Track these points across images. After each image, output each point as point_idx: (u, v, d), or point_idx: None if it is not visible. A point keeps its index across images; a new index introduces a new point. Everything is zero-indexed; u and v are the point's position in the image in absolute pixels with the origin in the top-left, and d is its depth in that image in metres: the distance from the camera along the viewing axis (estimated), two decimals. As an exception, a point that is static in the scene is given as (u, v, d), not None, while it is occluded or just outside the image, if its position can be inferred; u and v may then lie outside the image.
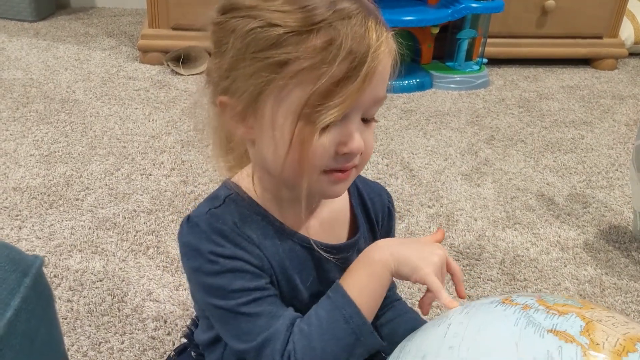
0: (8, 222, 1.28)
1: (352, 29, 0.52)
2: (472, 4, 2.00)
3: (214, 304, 0.60)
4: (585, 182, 1.61)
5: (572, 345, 0.46)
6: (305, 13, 0.52)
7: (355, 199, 0.70)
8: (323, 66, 0.51)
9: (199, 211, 0.61)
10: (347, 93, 0.52)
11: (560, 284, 1.23)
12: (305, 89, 0.52)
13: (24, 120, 1.71)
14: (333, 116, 0.52)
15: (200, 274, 0.59)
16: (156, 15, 2.11)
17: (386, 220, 0.74)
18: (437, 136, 1.79)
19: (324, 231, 0.66)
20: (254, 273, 0.59)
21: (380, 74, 0.54)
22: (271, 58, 0.52)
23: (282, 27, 0.52)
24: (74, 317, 1.06)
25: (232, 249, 0.58)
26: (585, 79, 2.31)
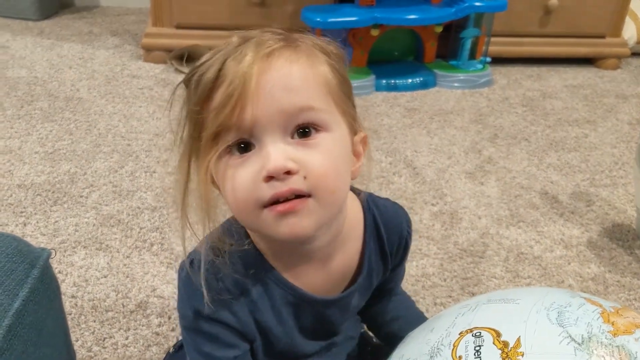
0: (13, 219, 1.29)
1: (208, 66, 0.52)
2: (476, 3, 2.00)
3: (187, 350, 0.64)
4: (589, 181, 1.61)
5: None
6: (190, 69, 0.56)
7: (370, 234, 0.67)
8: (187, 107, 0.55)
9: (203, 258, 0.60)
10: (212, 117, 0.51)
11: (564, 281, 1.23)
12: (196, 129, 0.54)
13: (29, 118, 1.71)
14: (208, 140, 0.52)
15: (183, 319, 0.62)
16: (160, 14, 2.11)
17: (401, 251, 0.71)
18: (440, 134, 1.79)
19: (330, 282, 0.65)
20: (227, 344, 0.61)
21: (259, 87, 0.50)
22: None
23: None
24: (79, 312, 1.07)
25: (219, 310, 0.59)
26: (588, 78, 2.31)
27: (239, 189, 0.52)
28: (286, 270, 0.62)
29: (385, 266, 0.69)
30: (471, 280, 1.21)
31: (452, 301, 1.15)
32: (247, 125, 0.51)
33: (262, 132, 0.51)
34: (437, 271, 1.23)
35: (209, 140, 0.52)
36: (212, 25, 2.04)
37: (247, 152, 0.52)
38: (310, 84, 0.52)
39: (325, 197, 0.53)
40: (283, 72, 0.51)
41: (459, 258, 1.27)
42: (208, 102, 0.52)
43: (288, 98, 0.51)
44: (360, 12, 1.93)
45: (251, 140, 0.52)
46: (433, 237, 1.33)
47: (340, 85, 0.56)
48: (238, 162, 0.52)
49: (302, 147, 0.52)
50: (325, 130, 0.53)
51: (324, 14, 1.90)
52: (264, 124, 0.51)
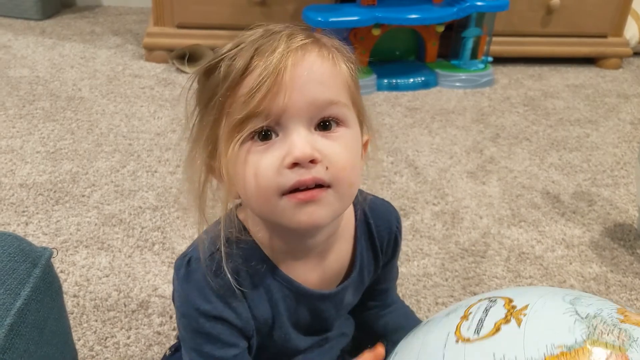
0: (15, 218, 1.29)
1: (236, 55, 0.54)
2: (477, 2, 2.00)
3: (184, 350, 0.63)
4: (591, 180, 1.60)
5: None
6: (213, 57, 0.56)
7: (362, 231, 0.69)
8: (214, 97, 0.54)
9: (199, 255, 0.60)
10: (242, 103, 0.52)
11: (566, 281, 1.23)
12: (220, 115, 0.55)
13: (30, 117, 1.72)
14: (235, 125, 0.53)
15: (182, 318, 0.62)
16: (161, 14, 2.11)
17: (391, 247, 0.72)
18: (442, 134, 1.79)
19: (326, 277, 0.66)
20: (227, 342, 0.61)
21: (293, 78, 0.52)
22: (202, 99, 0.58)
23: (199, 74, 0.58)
24: (80, 312, 1.07)
25: (219, 307, 0.60)
26: (590, 77, 2.30)
27: (262, 175, 0.53)
28: (284, 265, 0.63)
29: (377, 262, 0.71)
30: (472, 280, 1.21)
31: (453, 301, 1.15)
32: (276, 113, 0.52)
33: (289, 121, 0.53)
34: (439, 271, 1.23)
35: (235, 126, 0.53)
36: (213, 25, 2.04)
37: (269, 139, 0.53)
38: (337, 80, 0.55)
39: (343, 189, 0.55)
40: (315, 66, 0.53)
41: (460, 258, 1.27)
42: (236, 89, 0.53)
43: (319, 90, 0.53)
44: (362, 11, 1.93)
45: (276, 128, 0.53)
46: (434, 237, 1.33)
47: (355, 87, 0.59)
48: (261, 148, 0.53)
49: (324, 138, 0.54)
50: (345, 126, 0.55)
51: (325, 14, 1.90)
52: (293, 113, 0.52)
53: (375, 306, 0.78)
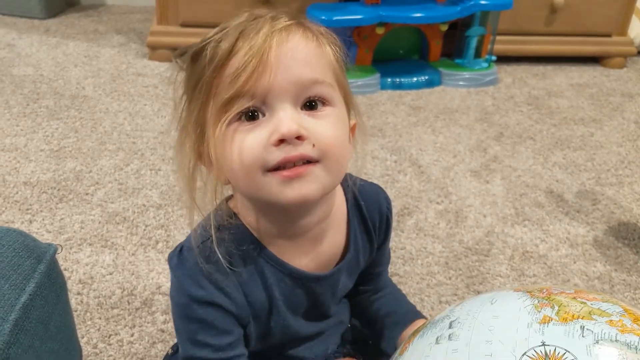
0: (19, 216, 1.29)
1: (220, 40, 0.55)
2: (481, 1, 1.99)
3: (179, 340, 0.63)
4: (595, 180, 1.60)
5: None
6: (199, 42, 0.58)
7: (354, 213, 0.69)
8: (200, 80, 0.56)
9: (192, 244, 0.61)
10: (228, 83, 0.53)
11: (570, 280, 1.23)
12: (208, 97, 0.56)
13: (34, 116, 1.72)
14: (221, 106, 0.54)
15: (176, 307, 0.62)
16: (165, 13, 2.12)
17: (384, 228, 0.72)
18: (445, 133, 1.79)
19: (320, 260, 0.66)
20: (221, 329, 0.61)
21: (278, 57, 0.53)
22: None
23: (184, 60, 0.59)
24: (84, 309, 1.07)
25: (212, 293, 0.60)
26: (594, 77, 2.30)
27: (247, 152, 0.53)
28: (277, 249, 0.63)
29: (371, 244, 0.71)
30: (476, 278, 1.21)
31: (457, 299, 1.15)
32: (262, 93, 0.53)
33: (275, 100, 0.53)
34: (442, 269, 1.23)
35: (221, 106, 0.54)
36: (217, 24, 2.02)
37: (256, 119, 0.54)
38: (321, 61, 0.56)
39: (332, 164, 0.55)
40: (300, 46, 0.55)
41: (464, 256, 1.27)
42: (222, 70, 0.54)
43: (304, 70, 0.54)
44: (366, 10, 1.93)
45: (262, 108, 0.54)
46: (438, 236, 1.33)
47: (341, 70, 0.60)
48: (247, 127, 0.54)
49: (310, 117, 0.55)
50: (330, 105, 0.56)
51: (329, 12, 1.89)
52: (278, 92, 0.53)
53: (367, 290, 0.78)
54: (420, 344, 0.54)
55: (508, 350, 0.47)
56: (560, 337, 0.46)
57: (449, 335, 0.52)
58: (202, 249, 0.60)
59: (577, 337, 0.46)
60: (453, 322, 0.53)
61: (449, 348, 0.50)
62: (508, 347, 0.47)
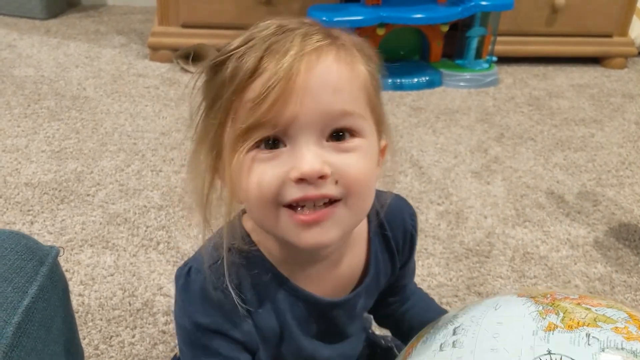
0: (20, 217, 1.30)
1: (244, 53, 0.49)
2: (482, 2, 2.00)
3: (181, 353, 0.60)
4: (595, 180, 1.60)
5: None
6: (220, 50, 0.51)
7: (375, 233, 0.64)
8: (220, 96, 0.50)
9: (201, 265, 0.57)
10: (248, 110, 0.48)
11: (570, 281, 1.23)
12: (226, 119, 0.51)
13: (35, 116, 1.72)
14: (240, 132, 0.49)
15: (180, 330, 0.59)
16: (166, 13, 2.12)
17: (408, 246, 0.68)
18: (446, 134, 1.79)
19: (337, 284, 0.62)
20: (225, 356, 0.58)
21: (305, 84, 0.47)
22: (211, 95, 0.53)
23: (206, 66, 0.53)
24: (85, 310, 1.07)
25: (218, 321, 0.56)
26: (595, 77, 2.30)
27: (265, 185, 0.49)
28: (291, 273, 0.59)
29: (393, 264, 0.67)
30: (477, 280, 1.21)
31: (458, 301, 1.15)
32: (285, 123, 0.48)
33: (299, 132, 0.48)
34: (443, 271, 1.23)
35: (240, 134, 0.49)
36: (218, 24, 2.04)
37: (276, 148, 0.49)
38: (354, 87, 0.51)
39: (355, 203, 0.51)
40: (331, 72, 0.49)
41: (464, 258, 1.27)
42: (243, 93, 0.49)
43: (333, 100, 0.49)
44: (366, 11, 1.93)
45: (284, 139, 0.49)
46: (439, 237, 1.33)
47: (375, 91, 0.55)
48: (266, 157, 0.49)
49: (335, 151, 0.50)
50: (359, 137, 0.51)
51: (330, 13, 1.90)
52: (303, 123, 0.48)
53: (395, 302, 0.74)
54: (423, 350, 0.54)
55: (514, 359, 0.46)
56: (566, 345, 0.46)
57: (453, 342, 0.51)
58: (211, 274, 0.56)
59: (582, 345, 0.46)
60: (457, 329, 0.52)
61: (454, 356, 0.50)
62: (514, 355, 0.47)
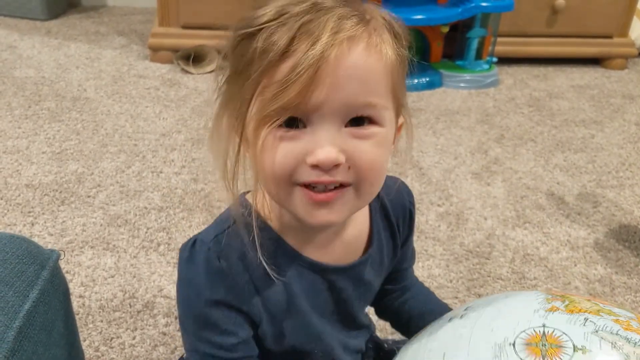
0: (21, 219, 1.30)
1: (275, 29, 0.49)
2: (482, 3, 2.00)
3: (184, 334, 0.62)
4: (596, 182, 1.60)
5: None
6: (250, 18, 0.52)
7: (376, 208, 0.67)
8: (248, 69, 0.51)
9: (206, 236, 0.59)
10: (274, 92, 0.49)
11: (571, 282, 1.23)
12: (252, 95, 0.51)
13: (36, 118, 1.72)
14: (263, 118, 0.50)
15: (183, 301, 0.60)
16: (166, 14, 2.12)
17: (407, 224, 0.70)
18: (446, 135, 1.79)
19: (341, 253, 0.64)
20: (228, 329, 0.59)
21: (333, 74, 0.48)
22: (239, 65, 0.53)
23: (234, 31, 0.53)
24: (86, 312, 1.07)
25: (222, 291, 0.57)
26: (595, 78, 2.30)
27: (280, 164, 0.51)
28: (297, 242, 0.61)
29: (394, 241, 0.69)
30: (477, 281, 1.21)
31: (458, 302, 1.15)
32: (308, 110, 0.49)
33: (320, 119, 0.50)
34: (443, 272, 1.23)
35: (264, 115, 0.50)
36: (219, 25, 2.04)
37: (295, 127, 0.51)
38: (380, 77, 0.52)
39: (365, 189, 0.53)
40: (360, 64, 0.50)
41: (464, 259, 1.27)
42: (272, 72, 0.49)
43: (359, 92, 0.50)
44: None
45: (305, 121, 0.50)
46: (439, 238, 1.33)
47: (401, 73, 0.55)
48: (284, 135, 0.51)
49: (352, 137, 0.51)
50: (378, 125, 0.52)
51: (330, 14, 1.89)
52: (326, 112, 0.50)
53: (394, 290, 0.76)
54: (435, 325, 0.58)
55: (510, 326, 0.49)
56: (562, 323, 0.48)
57: (461, 315, 0.56)
58: (216, 243, 0.58)
59: (578, 325, 0.48)
60: (468, 307, 0.57)
61: (459, 325, 0.54)
62: (510, 324, 0.50)
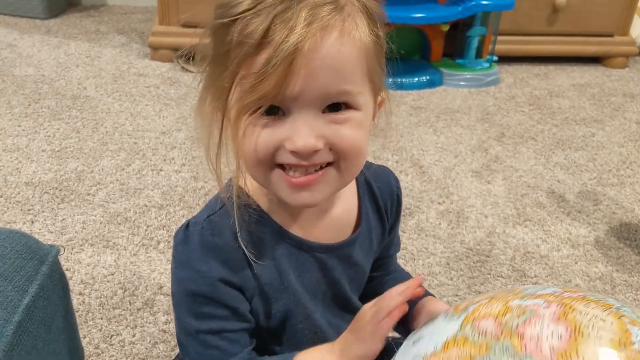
0: (21, 217, 1.30)
1: (251, 20, 0.50)
2: (483, 2, 1.99)
3: (180, 316, 0.62)
4: (596, 180, 1.60)
5: None
6: (227, 6, 0.52)
7: (364, 190, 0.69)
8: (225, 58, 0.52)
9: (199, 218, 0.61)
10: (251, 83, 0.50)
11: (571, 280, 1.23)
12: (228, 83, 0.52)
13: (36, 116, 1.72)
14: (242, 108, 0.52)
15: (180, 283, 0.61)
16: (166, 13, 2.12)
17: (394, 208, 0.72)
18: (447, 133, 1.79)
19: (330, 231, 0.65)
20: (226, 303, 0.60)
21: (308, 65, 0.49)
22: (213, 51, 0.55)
23: (215, 17, 0.54)
24: (86, 310, 1.07)
25: (219, 268, 0.59)
26: (595, 77, 2.30)
27: (262, 150, 0.53)
28: (285, 221, 0.62)
29: (382, 224, 0.71)
30: (477, 279, 1.21)
31: (458, 300, 1.15)
32: (285, 98, 0.51)
33: (298, 107, 0.51)
34: (444, 270, 1.23)
35: (243, 106, 0.52)
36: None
37: (273, 114, 0.52)
38: (354, 64, 0.52)
39: (346, 167, 0.55)
40: (333, 52, 0.50)
41: (465, 257, 1.27)
42: (248, 62, 0.51)
43: (333, 80, 0.51)
44: (367, 10, 1.92)
45: (283, 109, 0.52)
46: (439, 236, 1.33)
47: (378, 54, 0.56)
48: (264, 122, 0.52)
49: (331, 122, 0.53)
50: (355, 109, 0.54)
51: (331, 13, 1.89)
52: (303, 100, 0.51)
53: (378, 276, 0.78)
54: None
55: None
56: None
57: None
58: (209, 222, 0.60)
59: None
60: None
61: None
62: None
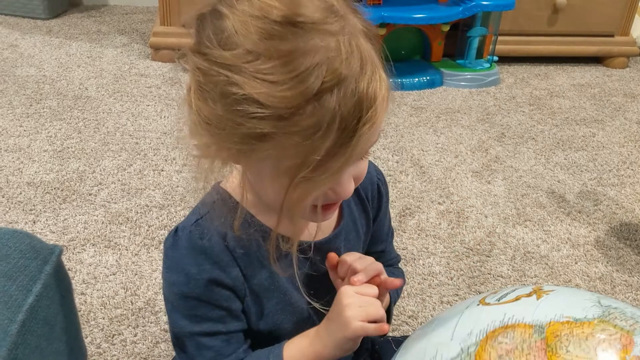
0: (22, 217, 1.30)
1: (343, 100, 0.46)
2: (483, 2, 2.00)
3: (174, 320, 0.63)
4: (597, 180, 1.60)
5: None
6: (294, 88, 0.45)
7: None
8: (309, 143, 0.47)
9: (187, 222, 0.62)
10: (338, 162, 0.48)
11: (571, 280, 1.23)
12: (294, 161, 0.48)
13: (38, 116, 1.73)
14: (326, 184, 0.50)
15: (172, 287, 0.62)
16: (168, 13, 2.12)
17: (376, 198, 0.73)
18: (447, 133, 1.79)
19: (313, 229, 0.66)
20: (219, 304, 0.61)
21: (375, 127, 0.49)
22: (253, 130, 0.47)
23: (264, 106, 0.46)
24: (88, 309, 1.08)
25: (209, 270, 0.60)
26: (596, 77, 2.30)
27: (308, 202, 0.53)
28: (268, 218, 0.63)
29: (366, 213, 0.72)
30: (478, 279, 1.21)
31: (458, 299, 1.15)
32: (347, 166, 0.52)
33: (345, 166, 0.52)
34: (444, 270, 1.23)
35: (313, 189, 0.51)
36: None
37: None
38: (382, 108, 0.51)
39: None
40: (381, 112, 0.50)
41: (465, 257, 1.27)
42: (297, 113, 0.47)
43: (377, 134, 0.52)
44: (367, 11, 1.92)
45: None
46: (440, 236, 1.33)
47: None
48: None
49: (359, 163, 0.55)
50: None
51: (331, 13, 1.90)
52: (352, 161, 0.52)
53: None
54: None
55: None
56: None
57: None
58: (197, 226, 0.61)
59: None
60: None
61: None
62: None
